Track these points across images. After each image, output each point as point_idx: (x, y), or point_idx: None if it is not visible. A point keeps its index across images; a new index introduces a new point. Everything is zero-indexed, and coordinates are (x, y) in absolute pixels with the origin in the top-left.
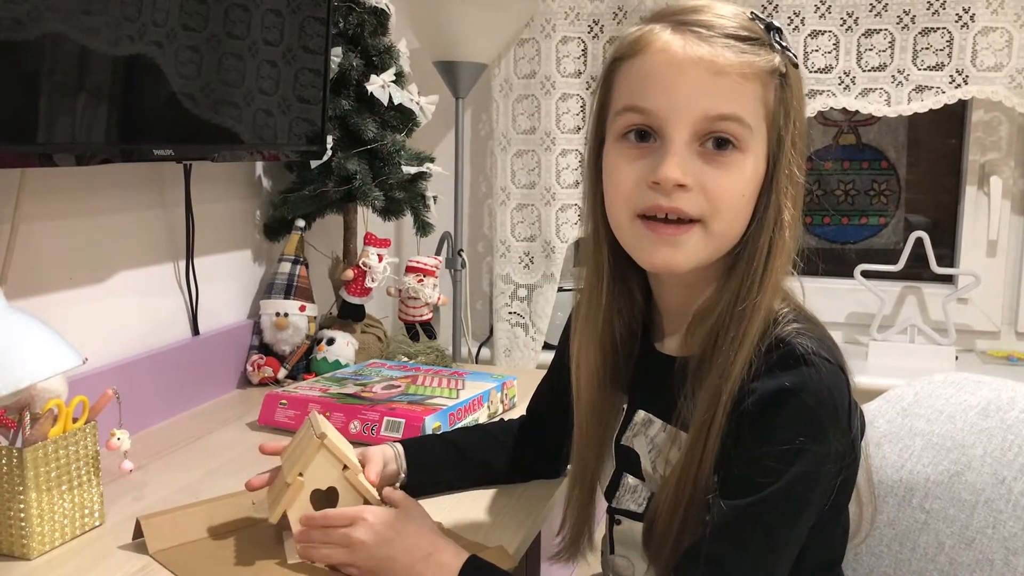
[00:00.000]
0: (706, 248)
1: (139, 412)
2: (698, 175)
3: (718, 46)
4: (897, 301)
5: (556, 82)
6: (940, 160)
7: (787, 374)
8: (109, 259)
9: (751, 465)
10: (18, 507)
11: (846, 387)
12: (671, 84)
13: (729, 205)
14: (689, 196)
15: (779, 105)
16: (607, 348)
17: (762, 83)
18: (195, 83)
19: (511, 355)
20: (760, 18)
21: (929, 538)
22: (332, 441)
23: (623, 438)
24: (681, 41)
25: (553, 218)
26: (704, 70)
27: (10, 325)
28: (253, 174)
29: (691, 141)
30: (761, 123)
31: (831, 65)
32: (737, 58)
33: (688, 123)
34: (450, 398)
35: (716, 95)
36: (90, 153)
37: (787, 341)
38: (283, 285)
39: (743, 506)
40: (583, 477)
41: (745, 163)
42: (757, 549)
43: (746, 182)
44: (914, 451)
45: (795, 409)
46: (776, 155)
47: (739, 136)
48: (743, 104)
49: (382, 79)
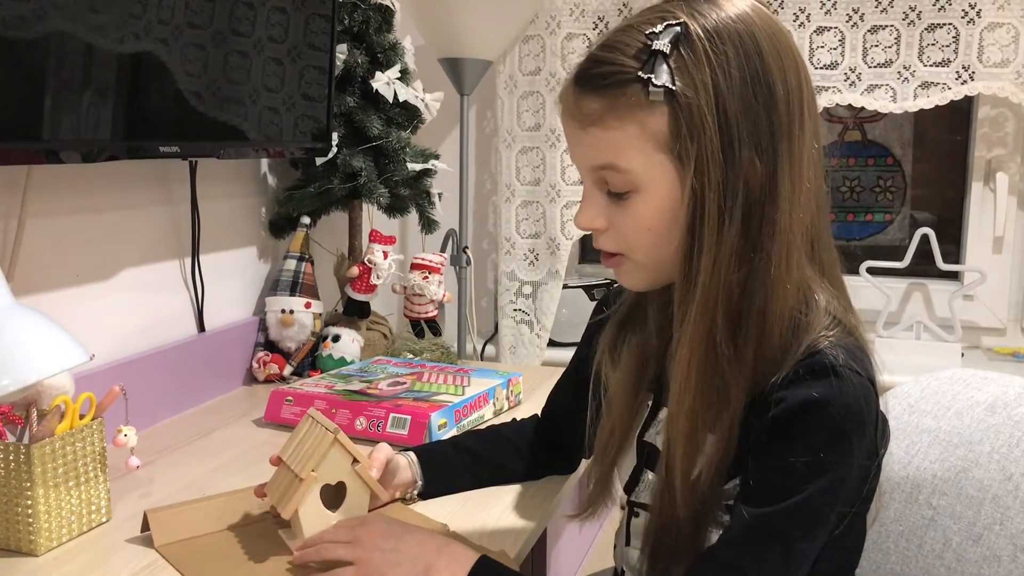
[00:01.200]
0: (646, 273)
1: (145, 409)
2: (610, 216)
3: (585, 98)
4: (903, 298)
5: (561, 79)
6: (946, 156)
7: (816, 384)
8: (115, 256)
9: (775, 474)
10: (25, 503)
11: (874, 401)
12: (567, 138)
13: (639, 241)
14: (607, 235)
15: (678, 125)
16: (647, 352)
17: (637, 121)
18: (200, 80)
19: (516, 352)
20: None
21: (936, 534)
22: (344, 435)
23: (646, 435)
24: (567, 92)
25: (558, 215)
26: (574, 125)
27: (17, 322)
28: (259, 171)
29: (598, 186)
30: (655, 154)
31: (836, 61)
32: (599, 104)
33: (586, 173)
34: (456, 395)
35: (588, 147)
36: (96, 150)
37: (818, 350)
38: (288, 282)
39: (763, 515)
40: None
41: (646, 201)
42: (775, 558)
43: (650, 218)
44: (921, 448)
45: (822, 421)
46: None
47: (623, 182)
48: (616, 151)
49: (387, 76)
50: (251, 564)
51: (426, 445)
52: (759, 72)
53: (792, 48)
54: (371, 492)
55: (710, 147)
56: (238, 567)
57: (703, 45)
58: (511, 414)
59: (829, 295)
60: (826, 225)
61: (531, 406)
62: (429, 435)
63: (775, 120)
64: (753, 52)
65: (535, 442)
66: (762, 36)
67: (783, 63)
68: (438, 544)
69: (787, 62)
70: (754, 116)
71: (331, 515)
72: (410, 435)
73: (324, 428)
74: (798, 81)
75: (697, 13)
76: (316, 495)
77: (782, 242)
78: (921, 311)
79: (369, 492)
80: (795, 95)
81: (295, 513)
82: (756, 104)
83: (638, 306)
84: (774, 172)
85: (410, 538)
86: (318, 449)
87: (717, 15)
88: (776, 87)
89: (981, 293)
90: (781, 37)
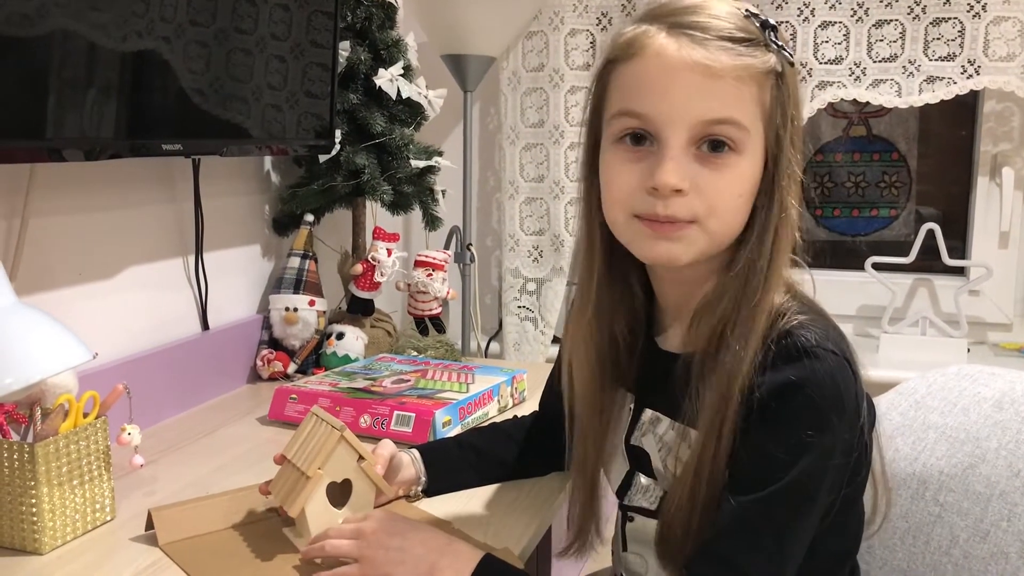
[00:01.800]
0: (704, 242)
1: (149, 407)
2: (695, 178)
3: (713, 49)
4: (908, 294)
5: (565, 75)
6: (951, 151)
7: (791, 367)
8: (118, 254)
9: (759, 460)
10: (30, 502)
11: (852, 378)
12: (667, 89)
13: (725, 207)
14: (685, 200)
15: (776, 105)
16: (603, 345)
17: (758, 84)
18: (203, 78)
19: (520, 349)
20: (756, 15)
21: (943, 531)
22: (351, 433)
23: (632, 438)
24: (676, 45)
25: (562, 212)
26: (699, 74)
27: (20, 321)
28: (262, 169)
29: (687, 145)
30: (758, 123)
31: (841, 56)
32: (732, 61)
33: (684, 128)
34: (460, 392)
35: (712, 99)
36: (99, 148)
37: (791, 333)
38: (292, 280)
39: (752, 501)
40: (583, 472)
41: (741, 164)
42: (768, 544)
43: (742, 183)
44: (927, 444)
45: (800, 403)
46: (776, 154)
47: (735, 139)
48: (739, 107)
49: (390, 73)
50: (256, 562)
51: (429, 443)
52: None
53: None
54: (376, 489)
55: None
56: (243, 565)
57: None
58: (515, 411)
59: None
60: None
61: (535, 403)
62: (433, 432)
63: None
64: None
65: (537, 438)
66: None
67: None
68: (442, 543)
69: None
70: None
71: (337, 512)
72: (414, 433)
73: (330, 426)
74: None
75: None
76: (322, 493)
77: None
78: (927, 307)
79: (374, 489)
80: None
81: (302, 511)
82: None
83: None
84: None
85: (415, 536)
86: (325, 447)
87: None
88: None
89: (987, 288)
90: None
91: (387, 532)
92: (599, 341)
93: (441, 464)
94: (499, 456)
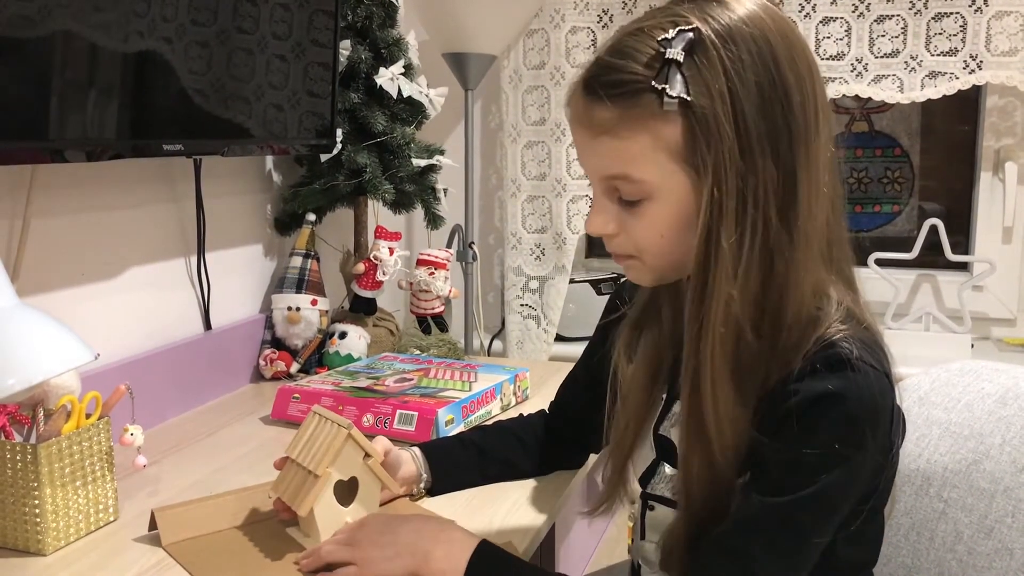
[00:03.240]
0: (657, 272)
1: (152, 407)
2: (622, 221)
3: (598, 102)
4: (911, 289)
5: (566, 72)
6: (954, 146)
7: (832, 377)
8: (120, 255)
9: (788, 465)
10: (33, 503)
11: (890, 394)
12: (576, 145)
13: (650, 246)
14: (618, 240)
15: (693, 134)
16: (661, 348)
17: (651, 130)
18: (205, 78)
19: (523, 347)
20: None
21: (947, 527)
22: (357, 431)
23: (661, 427)
24: (575, 100)
25: (564, 209)
26: (584, 132)
27: (22, 322)
28: (263, 168)
29: (609, 192)
30: (668, 163)
31: (843, 52)
32: (611, 114)
33: (596, 181)
34: (463, 391)
35: (598, 157)
36: (101, 149)
37: (834, 344)
38: (295, 279)
39: (775, 504)
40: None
41: (654, 208)
42: (784, 548)
43: (661, 224)
44: (931, 440)
45: (838, 414)
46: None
47: (635, 191)
48: (628, 161)
49: (391, 72)
50: (259, 562)
51: (432, 441)
52: (775, 77)
53: (806, 50)
54: (382, 486)
55: (729, 156)
56: (246, 565)
57: (717, 52)
58: (518, 410)
59: (843, 291)
60: (841, 225)
61: (538, 401)
62: (436, 431)
63: (792, 125)
64: (768, 57)
65: (542, 437)
66: (776, 40)
67: (797, 66)
68: (434, 529)
69: (801, 65)
70: (771, 122)
71: (344, 510)
72: (417, 431)
73: (336, 424)
74: (812, 84)
75: (709, 17)
76: (331, 492)
77: (800, 245)
78: (930, 302)
79: (380, 486)
80: (810, 98)
81: (310, 511)
82: (773, 110)
83: (652, 304)
84: (792, 177)
85: (405, 528)
86: (332, 445)
87: (729, 18)
88: (792, 92)
89: (991, 284)
90: (794, 39)
91: (378, 531)
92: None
93: (444, 463)
94: (503, 455)
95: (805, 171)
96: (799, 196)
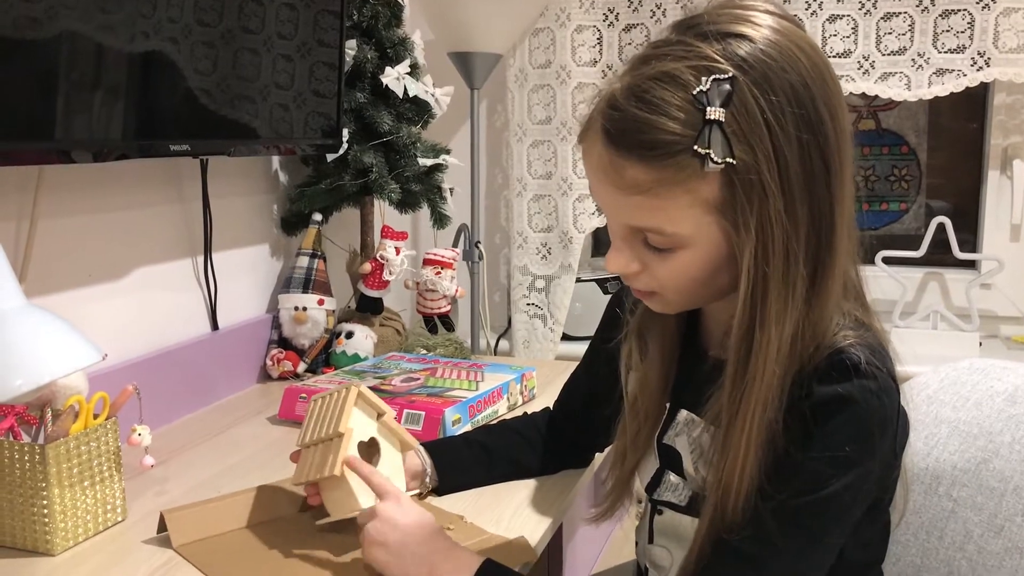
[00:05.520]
0: (681, 305)
1: (159, 408)
2: (644, 260)
3: (629, 161)
4: (919, 288)
5: (572, 71)
6: (962, 144)
7: (843, 383)
8: (127, 255)
9: (798, 469)
10: (41, 503)
11: (897, 398)
12: (595, 191)
13: (678, 287)
14: (640, 277)
15: (734, 191)
16: (671, 357)
17: (688, 189)
18: (210, 79)
19: (530, 347)
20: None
21: (957, 526)
22: (367, 388)
23: (665, 437)
24: (595, 147)
25: (570, 208)
26: (610, 188)
27: (29, 322)
28: (270, 169)
29: (634, 235)
30: (704, 217)
31: (850, 50)
32: (646, 176)
33: (618, 225)
34: (469, 390)
35: (628, 210)
36: (107, 149)
37: (842, 350)
38: (301, 279)
39: (787, 507)
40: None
41: (688, 256)
42: (795, 552)
43: (693, 269)
44: (940, 439)
45: (848, 418)
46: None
47: (666, 242)
48: (661, 217)
49: (397, 71)
50: (273, 561)
51: (435, 440)
52: (812, 119)
53: (832, 76)
54: (400, 442)
55: (775, 217)
56: (262, 564)
57: (757, 103)
58: (525, 409)
59: (850, 296)
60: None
61: (545, 400)
62: (443, 431)
63: (829, 164)
64: (806, 99)
65: (548, 436)
66: (809, 75)
67: (831, 98)
68: (443, 545)
69: (834, 96)
70: (810, 168)
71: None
72: (424, 431)
73: (343, 388)
74: (840, 109)
75: (737, 56)
76: (356, 450)
77: (833, 280)
78: (937, 300)
79: (399, 443)
80: (840, 126)
81: (343, 474)
82: (811, 156)
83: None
84: (830, 218)
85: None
86: (345, 404)
87: (760, 55)
88: (828, 131)
89: (999, 282)
90: (822, 66)
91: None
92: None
93: (450, 462)
94: (509, 454)
95: (840, 204)
96: (836, 236)
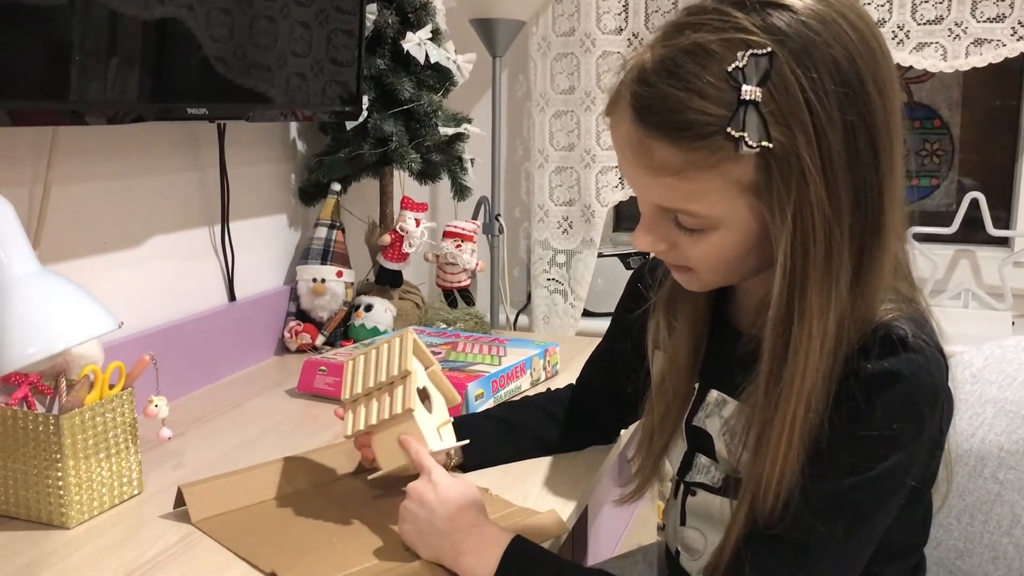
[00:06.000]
0: (713, 283)
1: (176, 379)
2: (674, 240)
3: (660, 141)
4: (949, 265)
5: (596, 39)
6: (996, 119)
7: (890, 358)
8: (143, 222)
9: (845, 448)
10: (56, 475)
11: (945, 371)
12: (623, 168)
13: (711, 267)
14: (671, 254)
15: (770, 174)
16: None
17: (721, 171)
18: (227, 46)
19: (550, 322)
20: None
21: (1003, 510)
22: (417, 336)
23: (695, 419)
24: (623, 121)
25: (593, 181)
26: (639, 167)
27: (43, 289)
28: (287, 137)
29: (663, 214)
30: (738, 199)
31: (884, 19)
32: (677, 157)
33: (647, 204)
34: (492, 364)
35: (658, 190)
36: (122, 112)
37: (887, 324)
38: (320, 250)
39: (833, 488)
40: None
41: (720, 237)
42: (843, 531)
43: (726, 250)
44: (986, 419)
45: (897, 394)
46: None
47: (697, 223)
48: (693, 198)
49: (418, 36)
50: (296, 535)
51: (459, 418)
52: (857, 96)
53: (878, 40)
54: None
55: (816, 204)
56: (286, 539)
57: (797, 80)
58: (548, 384)
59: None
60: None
61: (568, 377)
62: (466, 406)
63: (877, 146)
64: (852, 75)
65: (572, 412)
66: (855, 48)
67: (877, 68)
68: (469, 523)
69: (883, 70)
70: (855, 151)
71: (431, 416)
72: None
73: (396, 337)
74: (890, 84)
75: (777, 28)
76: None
77: (887, 265)
78: (969, 278)
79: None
80: (890, 105)
81: (411, 414)
82: (857, 137)
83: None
84: (879, 203)
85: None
86: (404, 347)
87: (801, 26)
88: (875, 106)
89: None
90: (865, 29)
91: (419, 502)
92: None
93: (474, 439)
94: (533, 430)
95: (889, 189)
96: (884, 222)
